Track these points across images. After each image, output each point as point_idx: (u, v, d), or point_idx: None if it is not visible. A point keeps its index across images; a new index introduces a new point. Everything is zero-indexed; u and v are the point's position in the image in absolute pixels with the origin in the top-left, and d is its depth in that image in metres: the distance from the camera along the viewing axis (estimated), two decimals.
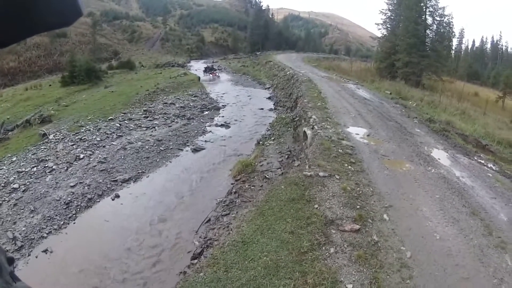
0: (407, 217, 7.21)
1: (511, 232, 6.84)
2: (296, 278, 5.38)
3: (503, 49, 75.44)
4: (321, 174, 8.51)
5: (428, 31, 33.67)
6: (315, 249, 6.02)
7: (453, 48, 53.55)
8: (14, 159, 12.79)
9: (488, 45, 78.76)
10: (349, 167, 9.20)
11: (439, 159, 10.41)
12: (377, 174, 9.08)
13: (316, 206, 7.30)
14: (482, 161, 10.81)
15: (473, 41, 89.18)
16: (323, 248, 6.08)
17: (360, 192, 7.98)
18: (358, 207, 7.32)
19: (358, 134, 12.00)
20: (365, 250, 6.04)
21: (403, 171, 9.38)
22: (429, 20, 33.59)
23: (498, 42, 76.24)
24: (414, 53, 30.86)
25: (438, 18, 33.72)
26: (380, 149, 10.74)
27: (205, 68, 35.45)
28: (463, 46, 73.21)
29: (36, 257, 8.21)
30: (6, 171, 11.91)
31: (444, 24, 34.48)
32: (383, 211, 7.33)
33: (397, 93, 21.15)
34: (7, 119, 16.97)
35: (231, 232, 7.11)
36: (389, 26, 38.62)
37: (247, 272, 5.61)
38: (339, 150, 10.09)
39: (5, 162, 12.56)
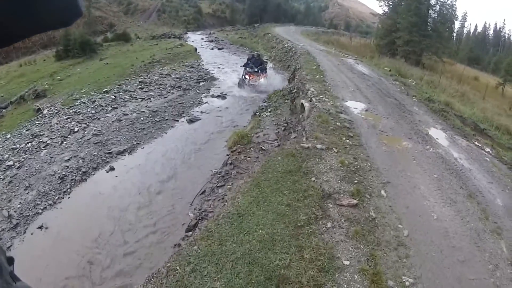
0: (404, 194, 7.07)
1: (507, 219, 6.75)
2: (292, 253, 5.20)
3: (506, 37, 75.05)
4: (318, 146, 8.26)
5: (430, 11, 32.99)
6: (311, 223, 5.83)
7: (455, 31, 53.23)
8: (8, 136, 12.54)
9: (491, 31, 78.09)
10: (347, 141, 8.97)
11: (437, 138, 10.24)
12: (375, 149, 8.89)
13: (313, 179, 7.07)
14: (480, 145, 10.65)
15: (476, 26, 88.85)
16: (320, 222, 5.89)
17: (358, 166, 7.77)
18: (355, 181, 7.11)
19: (356, 109, 11.77)
20: (362, 226, 5.87)
21: (401, 148, 9.21)
22: (432, 0, 32.94)
23: (502, 29, 75.80)
24: (416, 32, 30.35)
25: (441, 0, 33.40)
26: (379, 124, 10.54)
27: (245, 66, 19.41)
28: (465, 30, 73.02)
29: (32, 234, 8.13)
30: (1, 149, 11.69)
31: (447, 6, 33.64)
32: (381, 187, 7.17)
33: (396, 71, 20.71)
34: (1, 96, 16.64)
35: (226, 204, 6.84)
36: (390, 3, 37.39)
37: (242, 246, 5.41)
38: (337, 124, 9.85)
39: (0, 140, 12.35)
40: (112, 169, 10.49)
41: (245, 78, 18.47)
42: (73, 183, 9.77)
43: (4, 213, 8.66)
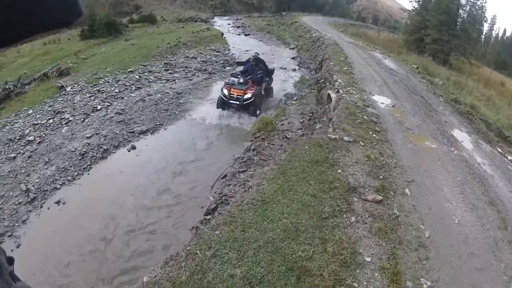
0: (428, 195, 6.86)
1: None
2: (315, 245, 5.08)
3: None
4: (345, 138, 8.08)
5: (460, 11, 31.77)
6: (336, 216, 5.70)
7: (484, 33, 51.71)
8: (30, 112, 12.42)
9: None
10: (374, 135, 8.76)
11: (462, 141, 9.87)
12: (401, 146, 8.65)
13: (339, 171, 6.92)
14: (503, 152, 10.22)
15: (504, 30, 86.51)
16: (344, 216, 5.76)
17: (384, 162, 7.58)
18: (381, 177, 6.95)
19: (383, 103, 11.47)
20: (386, 223, 5.73)
21: (426, 147, 8.92)
22: (463, 0, 31.78)
23: None
24: (445, 31, 29.36)
25: (471, 0, 31.99)
26: (405, 121, 10.23)
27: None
28: (494, 33, 70.80)
29: (49, 208, 8.12)
30: (22, 124, 11.59)
31: (477, 7, 32.47)
32: (405, 185, 6.99)
33: (424, 69, 20.05)
34: (24, 73, 16.33)
35: (250, 189, 6.72)
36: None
37: (265, 234, 5.30)
38: (364, 117, 9.63)
39: (21, 115, 12.19)
40: (133, 148, 10.43)
41: (223, 93, 12.60)
42: (93, 160, 9.73)
43: (22, 187, 8.64)
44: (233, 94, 12.31)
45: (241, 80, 12.73)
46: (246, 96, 12.14)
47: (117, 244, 7.01)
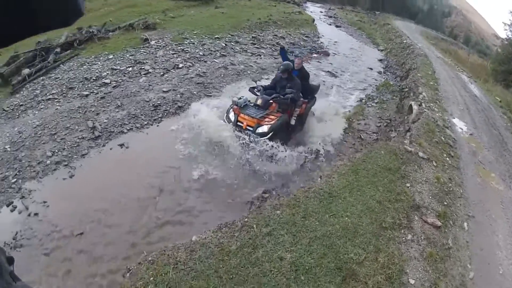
0: (483, 235, 6.29)
1: None
2: (369, 252, 4.81)
3: None
4: (420, 154, 7.56)
5: None
6: (395, 229, 5.36)
7: None
8: (110, 57, 12.37)
9: None
10: (447, 158, 8.13)
11: None
12: (470, 178, 7.94)
13: (408, 184, 6.49)
14: None
15: None
16: (402, 231, 5.40)
17: (451, 189, 7.01)
18: (445, 203, 6.43)
19: (461, 129, 10.59)
20: (438, 251, 5.31)
21: (493, 186, 8.08)
22: None
23: None
24: None
25: None
26: (479, 153, 9.39)
27: (254, 89, 8.89)
28: None
29: (111, 149, 8.07)
30: (100, 66, 11.58)
31: None
32: (465, 219, 6.44)
33: (507, 104, 18.23)
34: (110, 21, 16.33)
35: (319, 179, 6.40)
36: None
37: (324, 227, 5.07)
38: (442, 137, 8.95)
39: (101, 58, 12.18)
40: None
41: (228, 116, 8.25)
42: (165, 114, 9.51)
43: (88, 123, 8.66)
44: (242, 123, 7.89)
45: (259, 101, 8.17)
46: (260, 130, 7.68)
47: (171, 198, 6.71)
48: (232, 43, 15.78)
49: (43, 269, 5.24)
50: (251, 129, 7.76)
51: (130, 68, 11.65)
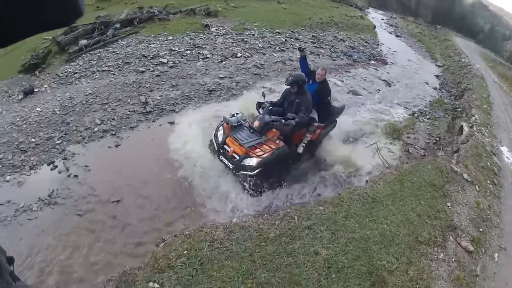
0: (511, 270, 6.06)
1: None
2: (401, 262, 4.78)
3: None
4: (465, 176, 7.31)
5: None
6: (429, 245, 5.27)
7: None
8: (170, 38, 12.33)
9: None
10: (490, 185, 7.81)
11: None
12: (509, 209, 7.58)
13: (448, 204, 6.33)
14: None
15: None
16: (436, 249, 5.31)
17: (489, 216, 6.76)
18: (481, 230, 6.24)
19: (508, 159, 10.05)
20: (465, 276, 5.21)
21: None
22: None
23: None
24: None
25: None
26: None
27: (261, 106, 6.96)
28: None
29: (160, 125, 8.10)
30: (159, 46, 11.59)
31: None
32: (496, 250, 6.25)
33: None
34: (171, 4, 16.18)
35: (365, 183, 6.42)
36: None
37: (362, 230, 5.05)
38: (488, 163, 8.61)
39: (160, 38, 12.17)
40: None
41: (216, 136, 6.56)
42: (219, 99, 9.47)
43: (141, 98, 8.75)
44: (228, 148, 6.17)
45: (256, 124, 6.42)
46: (247, 162, 5.84)
47: (212, 180, 6.46)
48: (292, 39, 15.44)
49: (73, 228, 5.39)
50: (236, 158, 5.95)
51: (188, 51, 11.68)
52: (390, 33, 28.98)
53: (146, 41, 11.93)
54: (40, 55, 10.31)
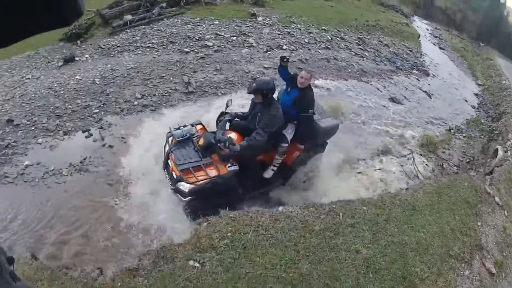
0: None
1: None
2: (432, 272, 4.88)
3: None
4: (496, 199, 7.30)
5: None
6: (458, 260, 5.35)
7: None
8: (216, 22, 12.22)
9: None
10: None
11: None
12: None
13: (479, 223, 6.39)
14: None
15: None
16: (463, 265, 5.40)
17: None
18: (504, 254, 6.28)
19: None
20: None
21: None
22: None
23: None
24: None
25: None
26: None
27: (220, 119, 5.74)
28: None
29: (200, 106, 7.97)
30: (205, 29, 11.49)
31: None
32: None
33: None
34: None
35: (405, 191, 6.47)
36: None
37: (401, 235, 5.16)
38: None
39: (206, 22, 12.04)
40: None
41: (165, 147, 5.54)
42: None
43: (184, 78, 8.69)
44: (169, 166, 5.24)
45: (201, 141, 5.28)
46: (181, 185, 4.86)
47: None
48: (337, 38, 15.20)
49: (103, 196, 5.40)
50: (174, 178, 4.97)
51: (234, 38, 11.60)
52: (434, 44, 27.96)
53: (192, 23, 11.87)
54: (83, 26, 10.32)
